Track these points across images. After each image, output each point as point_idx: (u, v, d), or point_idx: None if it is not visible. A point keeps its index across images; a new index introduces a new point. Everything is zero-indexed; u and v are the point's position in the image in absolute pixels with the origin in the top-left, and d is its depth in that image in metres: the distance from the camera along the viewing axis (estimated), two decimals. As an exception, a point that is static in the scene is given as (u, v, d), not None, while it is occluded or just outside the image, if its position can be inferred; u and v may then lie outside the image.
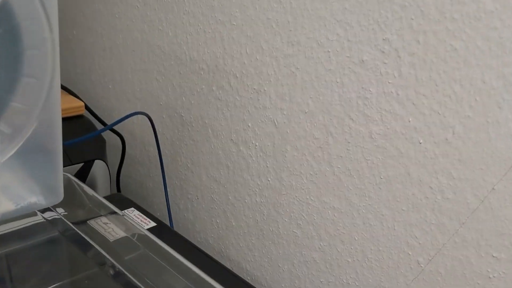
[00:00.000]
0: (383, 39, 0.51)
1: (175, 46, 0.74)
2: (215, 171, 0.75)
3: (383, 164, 0.55)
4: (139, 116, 0.84)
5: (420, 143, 0.51)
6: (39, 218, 0.49)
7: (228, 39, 0.66)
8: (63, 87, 0.82)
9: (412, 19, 0.49)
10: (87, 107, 0.79)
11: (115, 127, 0.79)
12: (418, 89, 0.50)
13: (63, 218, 0.50)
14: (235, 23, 0.65)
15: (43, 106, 0.41)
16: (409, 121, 0.51)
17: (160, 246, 0.48)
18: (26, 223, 0.48)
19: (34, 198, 0.44)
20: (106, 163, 0.73)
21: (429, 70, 0.49)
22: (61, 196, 0.45)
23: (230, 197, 0.74)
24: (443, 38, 0.47)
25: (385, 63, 0.52)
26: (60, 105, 0.43)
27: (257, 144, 0.67)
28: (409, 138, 0.52)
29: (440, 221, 0.51)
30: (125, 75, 0.86)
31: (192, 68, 0.73)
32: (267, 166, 0.67)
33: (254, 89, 0.65)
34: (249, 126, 0.67)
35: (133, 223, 0.51)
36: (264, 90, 0.64)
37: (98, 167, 0.71)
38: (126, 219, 0.52)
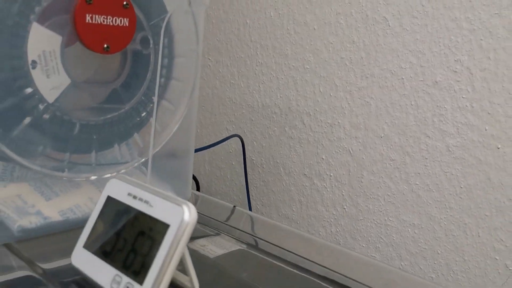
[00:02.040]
0: (455, 60, 0.59)
1: (247, 96, 0.82)
2: (287, 208, 0.79)
3: (463, 174, 0.59)
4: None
5: (499, 148, 0.56)
6: None
7: (301, 82, 0.74)
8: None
9: (482, 39, 0.56)
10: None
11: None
12: (492, 99, 0.56)
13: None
14: (308, 67, 0.73)
15: (186, 106, 0.47)
16: (486, 130, 0.57)
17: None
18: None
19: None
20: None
21: (501, 81, 0.55)
22: (189, 194, 0.50)
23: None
24: (512, 51, 0.54)
25: (458, 81, 0.59)
26: (196, 110, 0.49)
27: (331, 174, 0.72)
28: (487, 145, 0.57)
29: (525, 220, 0.55)
30: (193, 130, 0.93)
31: (264, 114, 0.80)
32: (342, 195, 0.71)
33: (328, 123, 0.72)
34: (323, 158, 0.73)
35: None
36: (338, 122, 0.71)
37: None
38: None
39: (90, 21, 0.40)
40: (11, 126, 0.39)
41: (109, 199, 0.37)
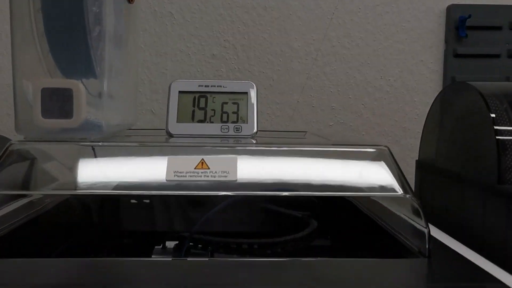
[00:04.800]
0: (224, 40, 0.94)
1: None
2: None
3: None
4: None
5: (271, 84, 0.95)
6: None
7: (99, 62, 0.92)
8: None
9: (239, 27, 0.94)
10: None
11: None
12: (250, 62, 0.95)
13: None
14: (105, 50, 0.92)
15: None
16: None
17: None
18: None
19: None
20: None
21: (253, 51, 0.95)
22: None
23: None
24: (257, 33, 0.95)
25: (228, 53, 0.94)
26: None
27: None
28: (250, 90, 0.95)
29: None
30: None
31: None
32: (150, 145, 0.93)
33: (131, 92, 0.93)
34: (128, 121, 0.93)
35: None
36: (140, 91, 0.93)
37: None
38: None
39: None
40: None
41: (182, 93, 0.54)
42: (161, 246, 0.56)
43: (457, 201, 0.57)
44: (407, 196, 0.44)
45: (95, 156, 0.45)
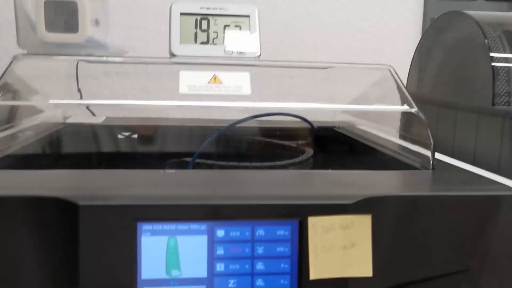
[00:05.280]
0: None
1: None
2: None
3: (221, 49, 0.94)
4: None
5: (240, 29, 0.94)
6: None
7: None
8: None
9: (222, -37, 0.92)
10: None
11: None
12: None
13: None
14: None
15: None
16: (231, 19, 0.94)
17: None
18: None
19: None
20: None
21: None
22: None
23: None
24: None
25: None
26: None
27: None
28: (233, 29, 0.94)
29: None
30: None
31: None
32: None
33: (111, 28, 0.90)
34: (109, 58, 0.91)
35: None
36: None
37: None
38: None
39: None
40: None
41: (183, 14, 0.53)
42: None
43: (449, 126, 0.60)
44: (413, 110, 0.46)
45: (104, 71, 0.44)
